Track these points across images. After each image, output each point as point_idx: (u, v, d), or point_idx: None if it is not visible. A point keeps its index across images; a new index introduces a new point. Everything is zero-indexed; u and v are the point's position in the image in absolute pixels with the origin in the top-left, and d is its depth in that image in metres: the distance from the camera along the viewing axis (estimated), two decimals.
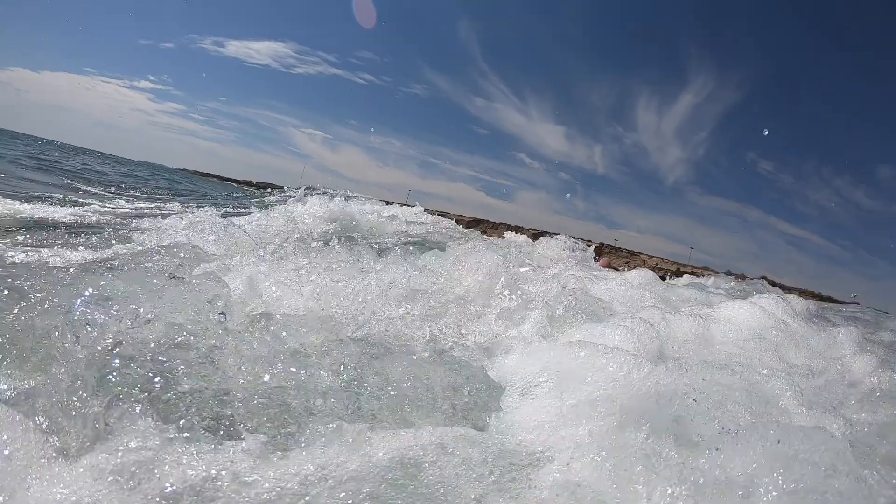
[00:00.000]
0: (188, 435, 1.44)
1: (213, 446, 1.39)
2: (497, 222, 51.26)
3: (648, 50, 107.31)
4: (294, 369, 1.76)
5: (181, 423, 1.50)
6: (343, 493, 1.31)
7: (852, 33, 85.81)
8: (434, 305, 2.76)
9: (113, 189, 12.61)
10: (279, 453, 1.41)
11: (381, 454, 1.42)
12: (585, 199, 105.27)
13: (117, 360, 1.60)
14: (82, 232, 4.85)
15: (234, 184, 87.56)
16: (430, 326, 2.57)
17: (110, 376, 1.55)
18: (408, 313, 2.59)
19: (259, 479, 1.30)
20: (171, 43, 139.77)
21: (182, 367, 1.66)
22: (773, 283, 37.28)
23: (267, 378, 1.71)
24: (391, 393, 1.75)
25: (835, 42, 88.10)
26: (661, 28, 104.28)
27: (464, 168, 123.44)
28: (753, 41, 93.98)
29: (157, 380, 1.59)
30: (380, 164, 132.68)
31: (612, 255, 41.09)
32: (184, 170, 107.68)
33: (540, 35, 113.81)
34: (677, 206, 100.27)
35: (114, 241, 4.50)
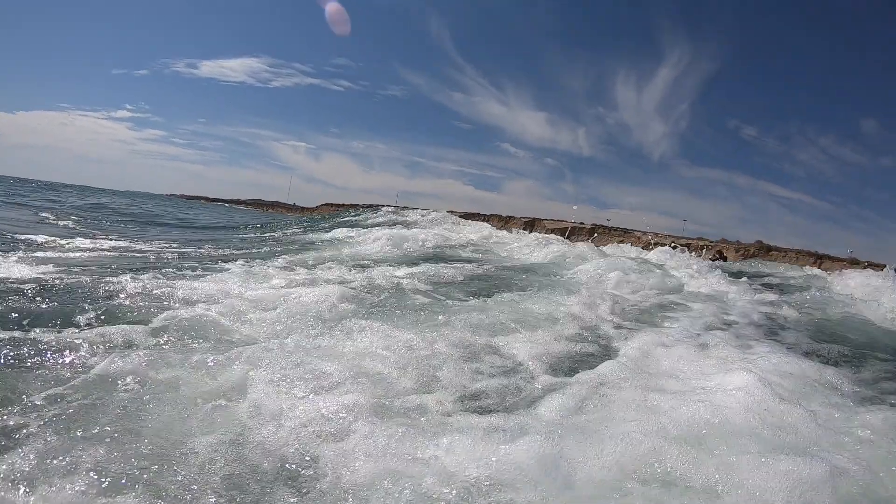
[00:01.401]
0: None
1: None
2: (488, 214, 51.46)
3: (621, 27, 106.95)
4: None
5: None
6: None
7: None
8: None
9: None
10: None
11: None
12: (574, 181, 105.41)
13: None
14: None
15: (226, 204, 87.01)
16: None
17: None
18: None
19: None
20: (145, 69, 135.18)
21: None
22: (770, 248, 37.75)
23: None
24: None
25: (806, 2, 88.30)
26: (631, 4, 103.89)
27: (449, 164, 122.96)
28: (726, 8, 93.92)
29: None
30: (365, 169, 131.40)
31: (606, 235, 41.42)
32: (171, 195, 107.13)
33: (511, 23, 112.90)
34: (666, 181, 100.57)
35: None
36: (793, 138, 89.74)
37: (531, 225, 46.81)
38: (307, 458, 2.13)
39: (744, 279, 9.00)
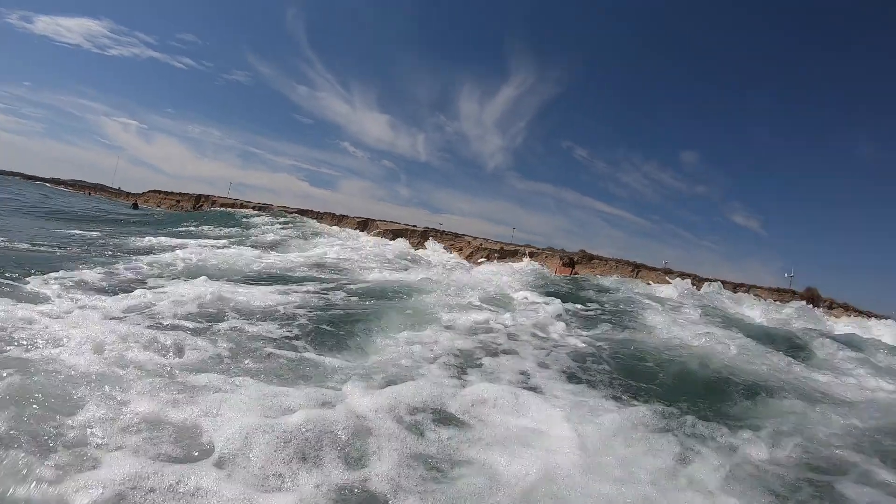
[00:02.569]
0: None
1: None
2: (322, 212, 50.59)
3: (473, 46, 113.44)
4: None
5: None
6: None
7: (660, 36, 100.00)
8: None
9: None
10: None
11: None
12: (409, 185, 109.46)
13: None
14: None
15: (47, 184, 73.89)
16: None
17: None
18: None
19: None
20: None
21: None
22: (592, 256, 42.20)
23: None
24: None
25: (644, 44, 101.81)
26: (487, 25, 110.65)
27: (286, 158, 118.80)
28: (571, 41, 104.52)
29: None
30: (198, 156, 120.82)
31: (438, 238, 43.15)
32: None
33: (368, 24, 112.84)
34: (498, 191, 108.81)
35: None
36: (619, 162, 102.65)
37: (364, 225, 46.93)
38: None
39: (569, 305, 9.77)
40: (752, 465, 3.57)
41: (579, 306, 10.31)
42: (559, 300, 10.43)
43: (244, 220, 24.55)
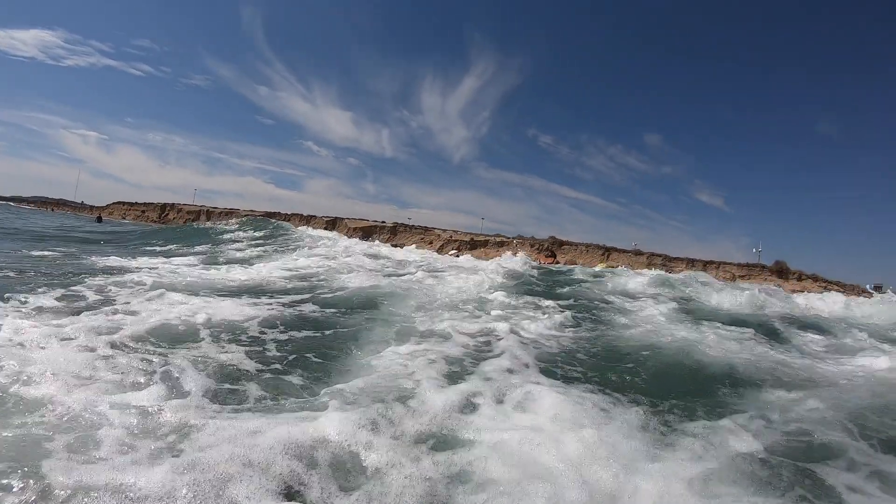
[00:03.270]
0: None
1: None
2: (289, 213, 49.88)
3: (433, 37, 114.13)
4: None
5: None
6: None
7: (620, 22, 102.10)
8: None
9: None
10: None
11: None
12: (375, 181, 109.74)
13: None
14: None
15: (11, 203, 71.19)
16: None
17: None
18: None
19: None
20: None
21: None
22: (563, 242, 42.56)
23: None
24: None
25: (604, 30, 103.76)
26: (446, 16, 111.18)
27: (251, 161, 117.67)
28: (532, 29, 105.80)
29: None
30: (161, 164, 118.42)
31: (407, 233, 43.08)
32: None
33: (327, 20, 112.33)
34: (466, 182, 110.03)
35: None
36: (584, 147, 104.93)
37: (333, 224, 46.50)
38: None
39: (547, 302, 9.82)
40: (738, 455, 3.62)
41: (556, 303, 10.37)
42: (536, 299, 10.49)
43: (215, 235, 23.93)
